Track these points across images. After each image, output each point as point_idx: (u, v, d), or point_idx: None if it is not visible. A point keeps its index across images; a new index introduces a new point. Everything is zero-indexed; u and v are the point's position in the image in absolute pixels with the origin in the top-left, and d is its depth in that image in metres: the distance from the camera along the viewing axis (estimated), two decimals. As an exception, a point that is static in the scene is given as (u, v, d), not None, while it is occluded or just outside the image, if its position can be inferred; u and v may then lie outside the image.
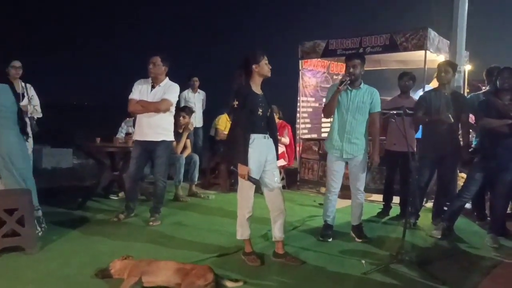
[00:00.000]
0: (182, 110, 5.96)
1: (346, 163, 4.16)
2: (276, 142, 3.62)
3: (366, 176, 4.23)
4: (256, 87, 3.44)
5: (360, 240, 4.16)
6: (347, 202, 5.25)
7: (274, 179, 3.52)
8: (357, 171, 4.11)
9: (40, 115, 5.25)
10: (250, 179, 3.33)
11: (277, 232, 3.55)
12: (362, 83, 4.09)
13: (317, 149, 6.62)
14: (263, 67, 3.40)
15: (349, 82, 3.93)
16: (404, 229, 3.57)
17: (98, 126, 11.72)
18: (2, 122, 3.63)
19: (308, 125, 7.30)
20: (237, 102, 3.30)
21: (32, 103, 5.10)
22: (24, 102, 5.02)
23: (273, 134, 3.58)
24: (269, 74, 3.44)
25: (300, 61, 6.81)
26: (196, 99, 7.81)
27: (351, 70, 3.99)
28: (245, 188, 3.44)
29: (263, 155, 3.43)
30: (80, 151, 7.73)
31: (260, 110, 3.40)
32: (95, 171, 6.01)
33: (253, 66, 3.38)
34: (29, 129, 5.02)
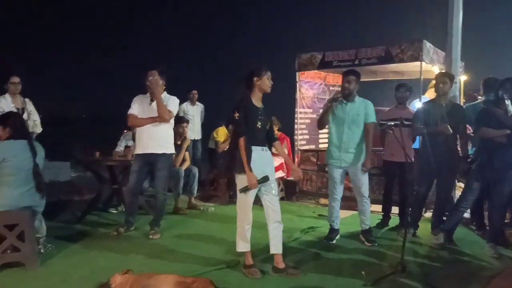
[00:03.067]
0: (180, 121, 5.98)
1: (347, 173, 4.40)
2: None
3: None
4: (256, 100, 3.53)
5: (370, 244, 4.32)
6: (348, 213, 5.31)
7: (272, 191, 3.56)
8: (358, 179, 4.35)
9: (40, 130, 5.24)
10: (259, 181, 3.39)
11: (276, 244, 3.55)
12: (357, 96, 4.36)
13: (315, 160, 6.65)
14: (264, 82, 3.49)
15: (340, 99, 4.26)
16: (404, 240, 3.58)
17: (96, 139, 11.73)
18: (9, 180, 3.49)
19: (306, 136, 7.34)
20: (237, 114, 3.39)
21: (32, 118, 5.10)
22: (24, 117, 5.02)
23: (270, 146, 3.66)
24: (268, 90, 3.55)
25: (297, 73, 6.87)
26: (195, 112, 7.86)
27: (346, 85, 4.30)
28: (244, 201, 3.47)
29: (262, 167, 3.47)
30: (79, 165, 7.72)
31: (259, 123, 3.48)
32: (94, 184, 6.00)
33: (255, 79, 3.47)
34: None
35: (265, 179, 3.42)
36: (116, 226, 4.73)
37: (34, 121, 5.12)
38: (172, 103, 4.62)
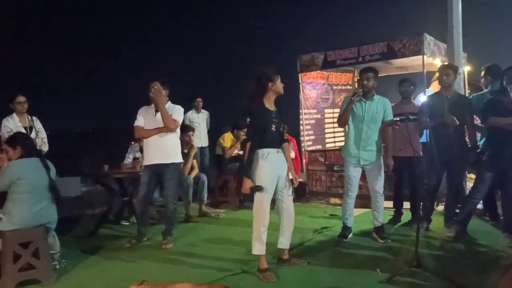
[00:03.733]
0: (186, 129, 6.00)
1: (363, 170, 4.43)
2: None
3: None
4: (269, 103, 3.60)
5: (383, 241, 4.32)
6: (359, 211, 5.29)
7: (287, 192, 3.65)
8: (374, 175, 4.37)
9: (47, 148, 5.24)
10: (253, 190, 3.44)
11: (284, 241, 3.70)
12: (375, 94, 4.37)
13: (323, 160, 6.63)
14: (278, 85, 3.58)
15: (361, 93, 4.20)
16: (417, 234, 3.56)
17: (104, 153, 11.81)
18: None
19: (312, 137, 7.34)
20: (249, 119, 3.49)
21: (40, 136, 5.13)
22: (32, 135, 5.05)
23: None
24: (282, 92, 3.62)
25: (299, 75, 6.88)
26: (201, 119, 7.88)
27: (365, 82, 4.29)
28: (260, 203, 3.49)
29: (277, 169, 3.55)
30: (89, 179, 7.77)
31: (274, 126, 3.56)
32: (104, 197, 6.03)
33: (269, 84, 3.54)
34: None
35: (259, 188, 3.45)
36: (128, 237, 4.75)
37: (42, 139, 5.14)
38: (177, 112, 4.64)
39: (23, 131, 4.96)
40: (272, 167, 3.50)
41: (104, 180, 5.65)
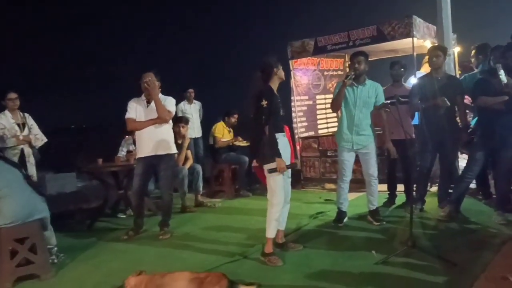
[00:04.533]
0: (179, 121, 5.99)
1: (356, 154, 4.46)
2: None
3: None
4: (275, 89, 3.70)
5: (378, 224, 4.38)
6: (354, 195, 5.33)
7: (288, 174, 3.74)
8: (368, 159, 4.41)
9: (44, 141, 5.22)
10: (288, 167, 3.63)
11: (281, 222, 3.76)
12: (366, 79, 4.39)
13: (316, 146, 6.66)
14: (281, 72, 3.72)
15: (353, 76, 4.22)
16: (411, 215, 3.59)
17: (98, 147, 11.74)
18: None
19: (305, 123, 7.35)
20: (266, 102, 3.52)
21: (33, 133, 5.09)
22: (25, 132, 5.02)
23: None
24: (284, 78, 3.76)
25: (290, 61, 6.86)
26: (193, 110, 7.86)
27: (356, 65, 4.30)
28: (275, 186, 3.56)
29: (284, 153, 3.61)
30: (83, 174, 7.74)
31: (282, 111, 3.69)
32: (100, 192, 6.01)
33: (275, 70, 3.66)
34: (32, 159, 5.06)
35: (294, 166, 3.71)
36: (126, 230, 4.76)
37: (35, 135, 5.11)
38: (170, 103, 4.62)
39: (16, 128, 4.96)
40: (282, 151, 3.56)
41: (99, 174, 5.64)
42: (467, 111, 4.88)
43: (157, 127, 4.54)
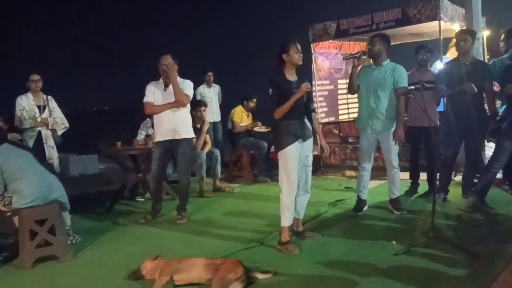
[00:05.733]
0: (198, 104, 5.96)
1: (378, 142, 4.30)
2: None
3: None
4: (290, 74, 3.58)
5: (399, 213, 4.28)
6: (375, 183, 5.23)
7: (307, 160, 3.64)
8: (387, 146, 4.24)
9: (62, 127, 5.23)
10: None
11: (297, 211, 3.68)
12: (387, 60, 4.23)
13: (337, 132, 6.54)
14: (293, 56, 3.52)
15: (362, 55, 4.13)
16: (433, 205, 3.47)
17: (119, 129, 11.89)
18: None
19: (325, 109, 7.21)
20: (271, 90, 3.46)
21: (53, 115, 5.12)
22: (45, 114, 5.06)
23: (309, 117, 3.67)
24: (299, 62, 3.57)
25: (311, 45, 6.71)
26: (212, 94, 7.82)
27: (369, 47, 4.22)
28: (286, 172, 3.48)
29: (300, 139, 3.51)
30: (103, 157, 7.85)
31: (305, 97, 3.55)
32: (121, 174, 6.08)
33: (283, 56, 3.52)
34: (51, 141, 5.10)
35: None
36: (144, 213, 4.78)
37: (54, 118, 5.13)
38: (187, 86, 4.58)
39: (36, 109, 5.02)
40: (294, 138, 3.47)
41: (118, 158, 5.67)
42: (496, 98, 4.68)
43: (175, 111, 4.52)
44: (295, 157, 3.51)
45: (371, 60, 4.33)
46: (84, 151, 8.98)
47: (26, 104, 5.01)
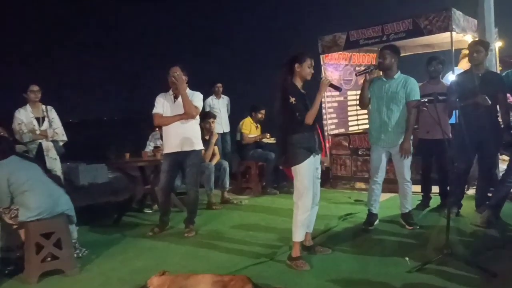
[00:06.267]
0: (207, 116, 5.93)
1: (390, 154, 4.22)
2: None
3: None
4: (300, 86, 3.51)
5: (411, 228, 4.18)
6: (386, 196, 5.12)
7: (316, 172, 3.58)
8: (399, 159, 4.14)
9: (63, 138, 5.17)
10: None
11: (309, 224, 3.61)
12: (398, 73, 4.13)
13: (347, 144, 6.46)
14: (305, 69, 3.46)
15: (372, 69, 4.05)
16: (448, 221, 3.37)
17: (129, 140, 11.90)
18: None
19: (335, 120, 7.14)
20: (294, 99, 3.37)
21: (53, 126, 5.05)
22: (45, 126, 5.00)
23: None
24: (308, 77, 3.51)
25: (321, 56, 6.67)
26: (221, 105, 7.79)
27: (380, 60, 4.10)
28: (302, 186, 3.40)
29: (313, 153, 3.46)
30: (111, 168, 7.83)
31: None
32: (130, 185, 6.04)
33: (296, 65, 3.45)
34: (52, 153, 5.03)
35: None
36: (151, 226, 4.73)
37: (54, 129, 5.05)
38: (197, 98, 4.56)
39: (34, 122, 4.95)
40: (309, 151, 3.42)
41: (126, 169, 5.64)
42: (510, 110, 4.58)
43: (184, 122, 4.48)
44: (311, 172, 3.45)
45: (381, 72, 4.24)
46: (93, 160, 8.99)
47: (24, 117, 4.94)
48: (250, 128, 6.61)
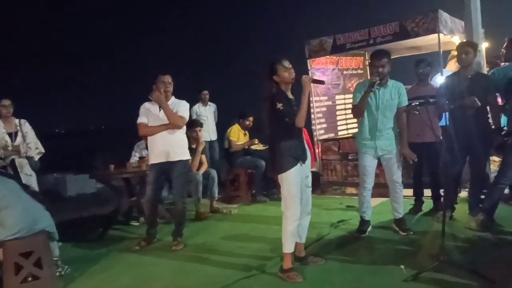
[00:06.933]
0: (194, 125, 5.80)
1: (378, 159, 4.13)
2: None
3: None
4: (287, 92, 3.40)
5: (405, 234, 4.08)
6: (377, 201, 5.03)
7: (306, 181, 3.47)
8: (392, 165, 4.08)
9: (39, 151, 4.95)
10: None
11: (301, 234, 3.51)
12: (389, 80, 4.03)
13: (337, 149, 6.37)
14: (283, 76, 3.34)
15: (379, 82, 3.85)
16: (443, 226, 3.29)
17: (116, 150, 11.70)
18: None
19: (324, 125, 7.06)
20: (281, 104, 3.25)
21: (26, 141, 4.84)
22: (17, 141, 4.79)
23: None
24: (289, 81, 3.37)
25: (308, 61, 6.59)
26: (208, 112, 7.68)
27: (380, 70, 3.90)
28: (290, 196, 3.29)
29: (300, 161, 3.35)
30: (95, 179, 7.65)
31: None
32: (115, 198, 5.87)
33: (274, 77, 3.35)
34: (27, 169, 4.83)
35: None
36: (138, 240, 4.57)
37: (27, 144, 4.84)
38: (183, 108, 4.43)
39: (6, 138, 4.76)
40: (296, 159, 3.31)
41: (110, 181, 5.46)
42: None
43: (170, 132, 4.35)
44: (297, 180, 3.33)
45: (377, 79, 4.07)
46: (81, 171, 8.79)
47: None
48: (238, 135, 6.49)
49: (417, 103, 3.80)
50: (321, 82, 3.67)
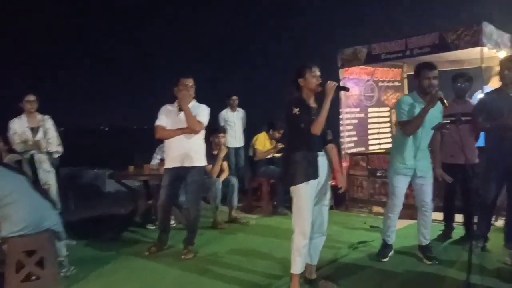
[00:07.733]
0: (217, 131, 5.67)
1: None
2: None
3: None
4: (309, 100, 3.22)
5: (430, 262, 3.77)
6: (403, 223, 4.69)
7: (325, 201, 3.27)
8: (426, 186, 3.84)
9: (57, 149, 4.92)
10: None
11: (311, 256, 3.28)
12: None
13: (365, 165, 6.06)
14: (310, 81, 3.17)
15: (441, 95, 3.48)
16: (470, 256, 3.00)
17: (139, 150, 11.81)
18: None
19: (354, 138, 6.74)
20: (297, 109, 3.09)
21: (47, 137, 4.83)
22: (39, 136, 4.79)
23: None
24: (316, 89, 3.18)
25: (340, 70, 6.33)
26: (236, 118, 7.54)
27: (433, 81, 3.62)
28: (300, 212, 3.10)
29: (316, 175, 3.14)
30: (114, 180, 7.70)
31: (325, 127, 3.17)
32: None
33: (299, 80, 3.20)
34: (46, 165, 4.78)
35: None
36: (149, 245, 4.46)
37: (48, 139, 4.82)
38: (202, 112, 4.30)
39: (28, 132, 4.76)
40: (310, 173, 3.10)
41: (128, 182, 5.42)
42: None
43: (188, 137, 4.23)
44: (310, 196, 3.12)
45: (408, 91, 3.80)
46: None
47: (18, 127, 4.74)
48: (264, 144, 6.31)
49: (447, 122, 3.49)
50: (345, 89, 3.46)
